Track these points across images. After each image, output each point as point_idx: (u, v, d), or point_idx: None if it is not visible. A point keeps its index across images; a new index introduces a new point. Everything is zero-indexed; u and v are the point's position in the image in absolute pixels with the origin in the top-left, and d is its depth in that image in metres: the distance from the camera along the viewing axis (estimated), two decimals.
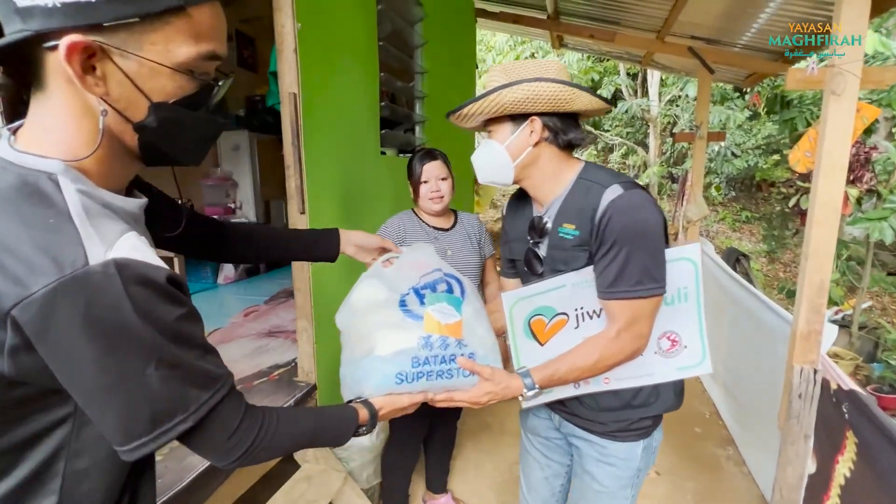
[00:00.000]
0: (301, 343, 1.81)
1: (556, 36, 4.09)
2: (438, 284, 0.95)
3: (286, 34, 1.57)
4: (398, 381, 0.85)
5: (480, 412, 2.83)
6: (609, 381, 1.00)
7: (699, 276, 0.97)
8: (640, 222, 0.88)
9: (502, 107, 0.93)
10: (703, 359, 1.00)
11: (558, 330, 1.01)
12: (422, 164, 1.56)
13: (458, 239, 1.64)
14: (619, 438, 1.04)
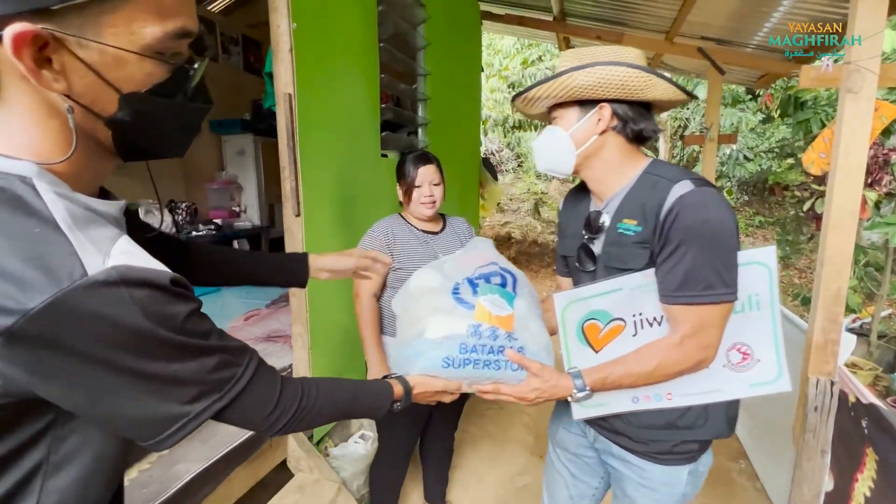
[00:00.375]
0: (296, 349, 1.78)
1: (563, 38, 4.04)
2: (493, 277, 0.95)
3: (281, 34, 1.54)
4: (444, 364, 0.86)
5: (482, 423, 2.77)
6: (672, 397, 0.91)
7: (774, 283, 0.87)
8: (710, 221, 0.81)
9: (571, 90, 0.88)
10: (780, 375, 0.90)
11: (614, 337, 0.94)
12: (416, 167, 1.50)
13: (449, 242, 1.59)
14: (661, 461, 0.96)
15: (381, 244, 1.49)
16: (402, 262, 1.48)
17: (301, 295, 1.70)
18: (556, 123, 0.96)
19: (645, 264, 0.88)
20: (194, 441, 1.44)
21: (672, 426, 0.93)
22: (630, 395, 0.93)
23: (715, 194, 0.84)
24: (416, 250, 1.50)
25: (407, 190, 1.51)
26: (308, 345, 1.74)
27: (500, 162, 9.44)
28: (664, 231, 0.83)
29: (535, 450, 2.50)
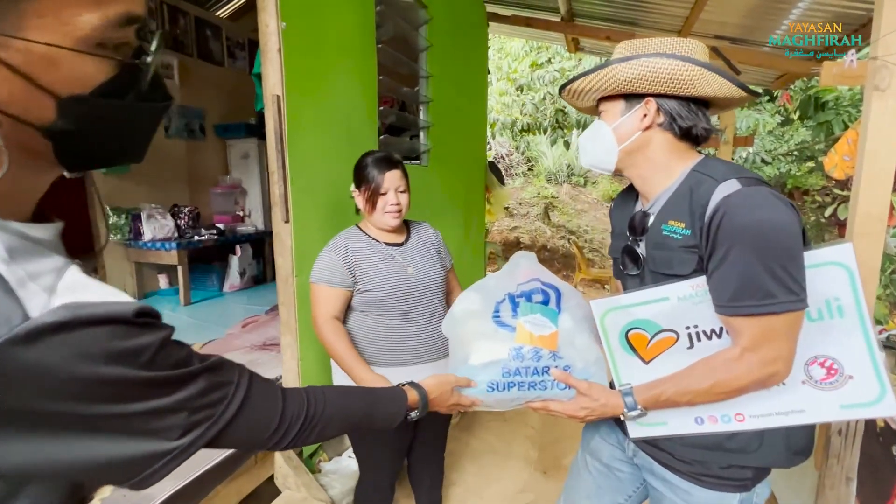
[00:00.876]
0: (285, 359, 1.71)
1: (571, 39, 3.95)
2: (534, 295, 0.93)
3: (270, 34, 1.49)
4: (489, 389, 0.87)
5: (484, 435, 2.68)
6: (744, 418, 0.82)
7: (857, 285, 0.76)
8: (762, 222, 0.73)
9: (615, 83, 0.83)
10: (883, 395, 0.77)
11: (665, 348, 0.86)
12: (381, 171, 1.31)
13: (417, 253, 1.42)
14: (708, 485, 0.87)
15: (339, 266, 1.30)
16: (367, 282, 1.31)
17: (290, 303, 1.64)
18: (602, 118, 0.91)
19: (692, 270, 0.81)
20: None
21: (720, 447, 0.85)
22: (693, 415, 0.85)
23: (766, 193, 0.75)
24: (381, 267, 1.33)
25: (370, 197, 1.32)
26: (298, 355, 1.68)
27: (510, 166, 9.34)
28: (710, 235, 0.76)
29: (538, 465, 2.40)
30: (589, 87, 0.87)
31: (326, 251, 1.34)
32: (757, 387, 0.79)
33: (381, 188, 1.31)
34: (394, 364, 1.35)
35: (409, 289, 1.36)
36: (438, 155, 2.86)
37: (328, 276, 1.30)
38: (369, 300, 1.32)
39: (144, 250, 3.16)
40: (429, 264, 1.44)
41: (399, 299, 1.34)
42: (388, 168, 1.33)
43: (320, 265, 1.32)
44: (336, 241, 1.35)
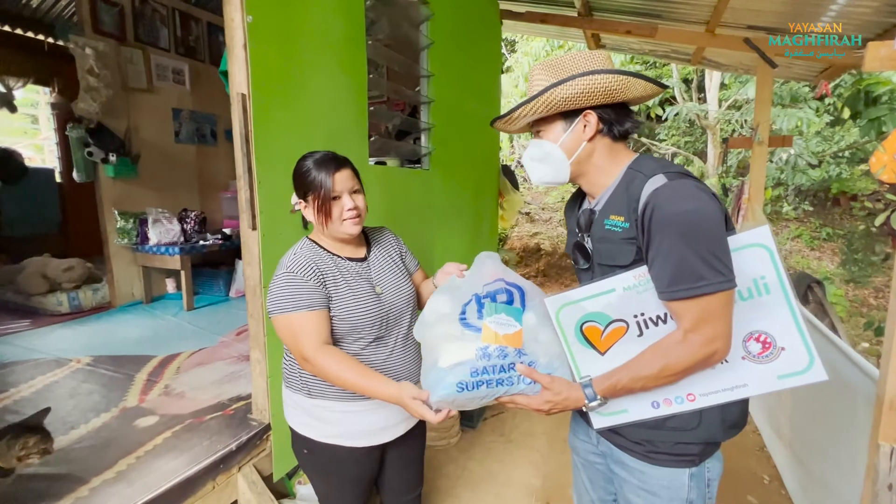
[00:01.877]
0: (254, 376, 1.60)
1: (591, 35, 3.73)
2: (499, 294, 0.96)
3: (235, 28, 1.39)
4: (459, 389, 0.90)
5: (484, 458, 2.49)
6: (695, 397, 0.87)
7: (778, 263, 0.83)
8: (688, 212, 0.79)
9: (555, 105, 0.90)
10: (811, 363, 0.84)
11: (618, 338, 0.90)
12: (328, 173, 1.12)
13: (383, 268, 1.26)
14: (659, 462, 0.93)
15: (313, 286, 1.11)
16: (337, 306, 1.14)
17: (259, 316, 1.53)
18: (541, 137, 0.97)
19: (633, 261, 0.88)
20: (119, 483, 1.29)
21: (660, 427, 0.92)
22: (649, 400, 0.90)
23: (689, 184, 0.83)
24: (354, 288, 1.16)
25: (322, 205, 1.12)
26: (266, 373, 1.56)
27: None
28: (645, 227, 0.83)
29: (540, 495, 2.20)
30: (529, 112, 0.92)
31: (288, 276, 1.11)
32: (701, 366, 0.84)
33: (332, 193, 1.12)
34: (363, 396, 1.18)
35: (381, 312, 1.19)
36: (442, 158, 2.72)
37: (306, 300, 1.09)
38: (338, 329, 1.15)
39: (150, 254, 3.16)
40: (397, 280, 1.27)
41: (372, 325, 1.17)
42: (336, 168, 1.14)
43: (286, 291, 1.09)
44: (298, 259, 1.14)
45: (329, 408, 1.19)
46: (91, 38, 2.93)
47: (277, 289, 1.11)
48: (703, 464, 0.94)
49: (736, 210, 3.19)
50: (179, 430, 1.56)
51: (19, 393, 1.85)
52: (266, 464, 1.62)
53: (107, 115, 3.07)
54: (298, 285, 1.10)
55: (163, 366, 2.15)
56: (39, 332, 2.66)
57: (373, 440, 1.23)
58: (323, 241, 1.21)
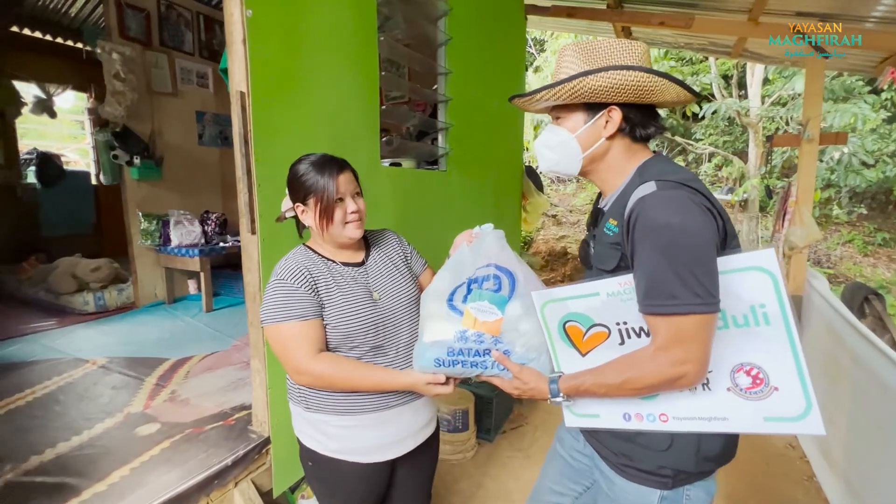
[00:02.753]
0: (254, 387, 1.54)
1: (622, 28, 3.54)
2: (486, 282, 0.97)
3: (234, 23, 1.33)
4: (436, 364, 0.99)
5: (500, 474, 2.36)
6: (667, 419, 0.84)
7: (783, 293, 0.74)
8: (669, 226, 0.75)
9: (580, 94, 0.86)
10: (808, 410, 0.75)
11: (599, 343, 0.89)
12: (331, 176, 1.08)
13: (382, 272, 1.20)
14: (629, 477, 0.91)
15: (305, 295, 1.05)
16: (331, 314, 1.08)
17: (258, 324, 1.46)
18: (559, 123, 0.93)
19: (615, 266, 0.86)
20: (110, 496, 1.24)
21: (630, 439, 0.91)
22: (622, 412, 0.89)
23: (679, 197, 0.78)
24: (347, 295, 1.10)
25: (325, 209, 1.08)
26: (266, 383, 1.49)
27: None
28: (629, 234, 0.81)
29: None
30: (551, 97, 0.88)
31: (276, 283, 1.06)
32: (667, 386, 0.80)
33: (336, 195, 1.08)
34: (367, 410, 1.11)
35: (378, 319, 1.12)
36: (460, 159, 2.61)
37: (297, 309, 1.04)
38: (332, 338, 1.08)
39: (172, 256, 3.20)
40: (398, 284, 1.20)
41: (367, 333, 1.10)
42: (339, 171, 1.10)
43: (276, 301, 1.04)
44: (289, 266, 1.09)
45: (330, 422, 1.12)
46: (118, 44, 2.98)
47: (268, 298, 1.07)
48: (682, 489, 0.89)
49: (781, 214, 2.93)
50: (178, 441, 1.51)
51: (33, 394, 1.86)
52: (266, 478, 1.55)
53: (132, 119, 3.13)
54: (289, 293, 1.05)
55: (174, 369, 2.13)
56: (64, 332, 2.72)
57: (377, 456, 1.16)
58: (319, 246, 1.16)
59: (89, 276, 3.25)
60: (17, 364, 2.18)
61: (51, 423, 1.62)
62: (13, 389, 1.89)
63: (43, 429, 1.59)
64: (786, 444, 2.72)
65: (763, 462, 2.52)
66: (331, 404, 1.11)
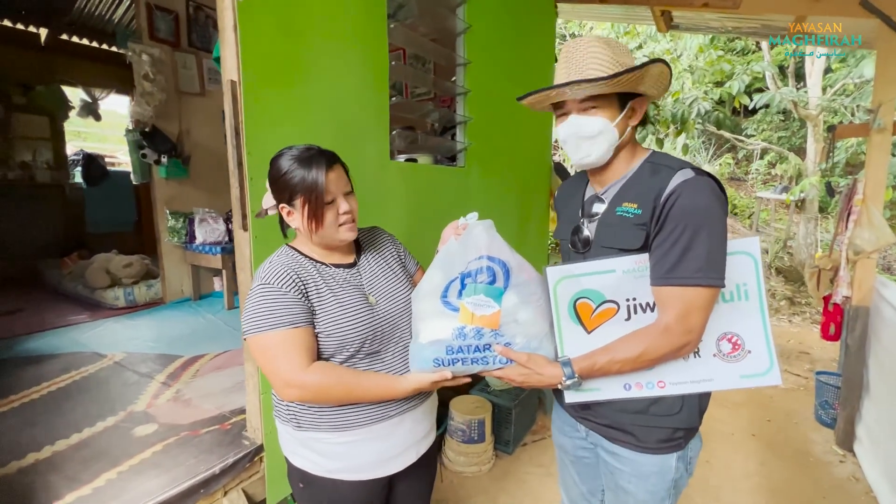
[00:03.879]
0: (248, 392, 1.47)
1: (661, 13, 3.27)
2: (479, 274, 0.95)
3: (225, 10, 1.26)
4: (435, 364, 0.95)
5: (518, 491, 2.20)
6: (664, 385, 0.94)
7: (760, 274, 0.92)
8: (709, 207, 0.86)
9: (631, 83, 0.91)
10: (771, 368, 0.92)
11: (606, 319, 0.95)
12: (320, 172, 0.97)
13: (376, 274, 1.11)
14: (652, 451, 0.98)
15: (295, 299, 0.96)
16: (323, 320, 0.99)
17: None
18: (593, 114, 0.95)
19: (640, 245, 0.91)
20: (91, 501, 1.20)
21: (643, 412, 0.96)
22: (622, 383, 0.96)
23: (713, 183, 0.89)
24: (342, 298, 1.01)
25: (314, 213, 0.98)
26: (259, 388, 1.42)
27: None
28: (663, 213, 0.88)
29: None
30: (621, 83, 0.90)
31: (265, 287, 0.96)
32: (673, 355, 0.91)
33: (326, 195, 0.97)
34: (367, 422, 1.02)
35: (375, 324, 1.02)
36: (481, 155, 2.47)
37: (285, 315, 0.94)
38: (325, 347, 0.99)
39: (197, 253, 3.24)
40: (394, 286, 1.11)
41: (364, 339, 1.00)
42: (329, 166, 0.98)
43: (261, 307, 0.94)
44: (275, 269, 0.98)
45: (324, 440, 1.02)
46: (147, 45, 3.05)
47: (252, 304, 0.96)
48: (688, 446, 1.01)
49: (845, 213, 2.59)
50: (171, 444, 1.46)
51: (48, 388, 1.89)
52: (259, 487, 1.48)
53: (160, 119, 3.20)
54: (276, 298, 0.95)
55: (184, 367, 2.12)
56: (92, 325, 2.80)
57: (379, 472, 1.06)
58: (306, 247, 1.06)
59: (121, 272, 3.36)
60: (41, 357, 2.24)
61: (57, 420, 1.63)
62: (31, 382, 1.93)
63: (48, 425, 1.59)
64: (849, 475, 2.40)
65: (821, 496, 2.22)
66: (326, 420, 1.01)
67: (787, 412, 3.11)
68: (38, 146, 4.40)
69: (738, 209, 8.07)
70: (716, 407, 3.15)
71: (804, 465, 2.49)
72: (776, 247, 6.62)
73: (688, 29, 3.69)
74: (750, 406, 3.20)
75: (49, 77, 4.37)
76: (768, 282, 6.37)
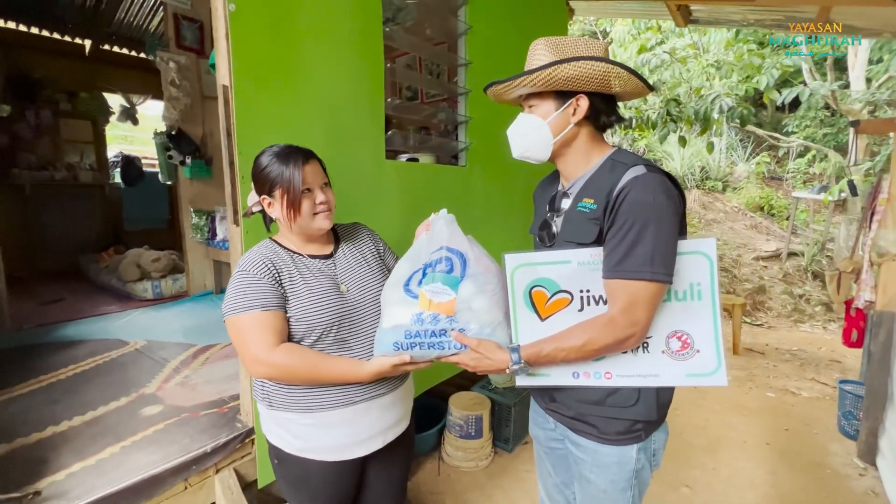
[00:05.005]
0: (241, 377, 1.56)
1: (677, 7, 3.19)
2: (438, 264, 1.01)
3: (218, 18, 1.35)
4: (395, 348, 1.01)
5: (513, 489, 2.22)
6: (611, 376, 0.98)
7: (714, 275, 0.93)
8: (656, 204, 0.88)
9: (554, 82, 0.95)
10: (718, 368, 0.94)
11: (560, 308, 0.99)
12: (297, 166, 1.06)
13: (350, 265, 1.17)
14: (611, 442, 1.02)
15: (268, 285, 1.04)
16: (294, 306, 1.06)
17: None
18: (531, 111, 1.02)
19: (594, 240, 0.95)
20: (93, 471, 1.31)
21: (601, 403, 1.01)
22: (570, 371, 0.99)
23: (665, 180, 0.92)
24: (311, 286, 1.08)
25: (291, 201, 1.06)
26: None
27: None
28: (614, 208, 0.91)
29: None
30: (528, 83, 0.97)
31: (242, 274, 1.05)
32: (617, 346, 0.92)
33: (302, 186, 1.06)
34: (332, 406, 1.09)
35: (343, 311, 1.10)
36: (483, 155, 2.50)
37: (257, 299, 1.02)
38: (295, 330, 1.06)
39: (217, 249, 3.42)
40: (366, 278, 1.17)
41: (333, 326, 1.08)
42: (305, 160, 1.08)
43: (237, 291, 1.03)
44: (252, 258, 1.08)
45: (294, 420, 1.10)
46: (174, 53, 3.25)
47: (231, 289, 1.06)
48: (651, 437, 1.03)
49: (869, 213, 2.45)
50: (172, 424, 1.58)
51: (74, 370, 2.06)
52: (251, 468, 1.57)
53: (185, 122, 3.39)
54: (251, 284, 1.04)
55: (196, 355, 2.26)
56: (121, 315, 3.01)
57: (345, 454, 1.12)
58: (286, 239, 1.16)
59: (150, 266, 3.58)
60: (71, 343, 2.44)
61: (76, 398, 1.78)
62: (60, 365, 2.11)
63: (68, 402, 1.74)
64: (867, 489, 2.27)
65: None
66: (294, 401, 1.09)
67: (808, 421, 2.97)
68: (82, 149, 4.75)
69: (776, 210, 7.70)
70: (728, 413, 3.04)
71: (819, 477, 2.37)
72: (813, 249, 6.28)
73: (708, 23, 3.57)
74: (767, 414, 3.07)
75: (92, 84, 4.71)
76: (803, 286, 6.05)
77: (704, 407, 3.13)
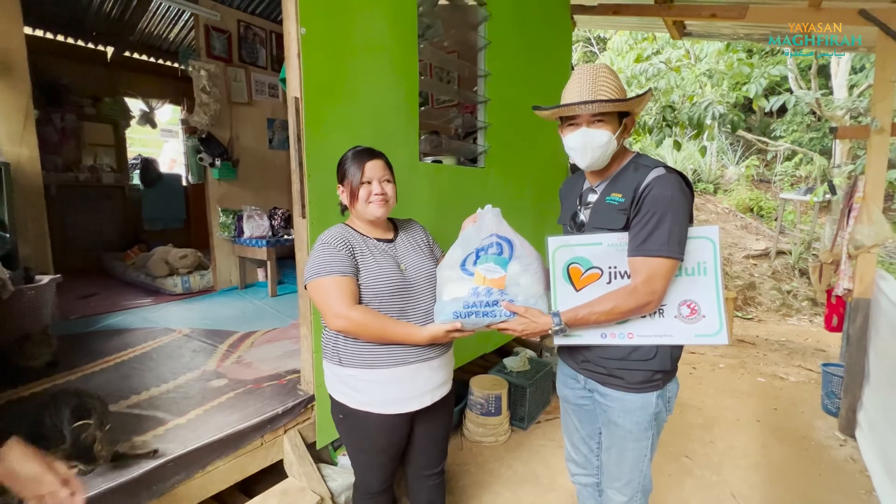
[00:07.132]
0: (302, 351, 1.78)
1: (673, 23, 3.47)
2: (490, 248, 1.22)
3: (291, 40, 1.58)
4: (454, 316, 1.22)
5: (530, 460, 2.45)
6: (633, 336, 1.19)
7: (717, 255, 1.16)
8: (673, 198, 1.12)
9: (629, 106, 1.19)
10: (720, 330, 1.15)
11: (592, 281, 1.20)
12: (361, 162, 1.31)
13: (408, 250, 1.40)
14: (637, 390, 1.23)
15: (342, 256, 1.26)
16: (365, 276, 1.28)
17: (306, 294, 1.70)
18: (599, 127, 1.19)
19: (622, 226, 1.17)
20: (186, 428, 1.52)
21: (625, 358, 1.22)
22: (599, 332, 1.22)
23: (679, 179, 1.17)
24: (379, 261, 1.31)
25: (353, 189, 1.32)
26: (312, 348, 1.73)
27: None
28: (640, 200, 1.14)
29: None
30: (623, 105, 1.18)
31: (321, 246, 1.29)
32: (638, 311, 1.16)
33: (362, 178, 1.30)
34: (391, 364, 1.30)
35: (403, 286, 1.32)
36: (499, 157, 2.74)
37: (338, 266, 1.24)
38: (364, 298, 1.28)
39: (244, 246, 3.62)
40: (421, 260, 1.40)
41: (395, 297, 1.30)
42: (368, 158, 1.32)
43: (320, 259, 1.26)
44: (332, 234, 1.31)
45: (358, 377, 1.31)
46: (205, 62, 3.46)
47: (313, 258, 1.29)
48: (666, 387, 1.25)
49: (846, 210, 2.73)
50: (241, 393, 1.79)
51: (134, 353, 2.26)
52: (311, 432, 1.79)
53: (214, 126, 3.60)
54: (331, 253, 1.27)
55: (241, 340, 2.46)
56: (157, 307, 3.20)
57: (400, 408, 1.33)
58: (355, 223, 1.38)
59: (178, 263, 3.77)
60: (121, 330, 2.63)
61: (146, 374, 1.98)
62: (119, 348, 2.31)
63: (140, 377, 1.94)
64: (846, 456, 2.53)
65: (817, 474, 2.38)
66: (361, 358, 1.29)
67: (795, 402, 3.24)
68: (104, 151, 4.92)
69: (765, 211, 8.04)
70: (722, 396, 3.30)
71: (804, 448, 2.63)
72: (800, 248, 6.60)
73: (701, 36, 3.86)
74: (758, 396, 3.33)
75: (113, 90, 4.89)
76: (791, 282, 6.36)
77: (701, 390, 3.39)
